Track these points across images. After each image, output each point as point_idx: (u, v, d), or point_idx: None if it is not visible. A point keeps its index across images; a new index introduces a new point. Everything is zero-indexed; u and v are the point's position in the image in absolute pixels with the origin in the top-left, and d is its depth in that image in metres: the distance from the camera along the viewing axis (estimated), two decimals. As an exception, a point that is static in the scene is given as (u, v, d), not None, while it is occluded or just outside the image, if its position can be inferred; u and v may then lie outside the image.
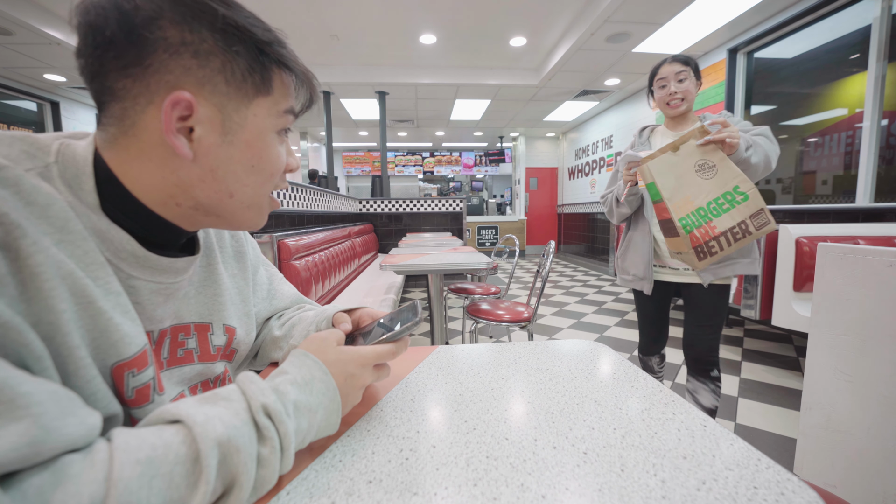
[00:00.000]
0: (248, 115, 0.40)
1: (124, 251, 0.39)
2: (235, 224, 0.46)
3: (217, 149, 0.39)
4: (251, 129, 0.40)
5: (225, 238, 0.59)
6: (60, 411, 0.28)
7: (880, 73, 2.70)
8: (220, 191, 0.41)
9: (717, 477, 0.35)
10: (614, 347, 1.97)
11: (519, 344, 0.71)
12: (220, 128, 0.39)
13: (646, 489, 0.34)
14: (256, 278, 0.65)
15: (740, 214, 1.16)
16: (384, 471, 0.37)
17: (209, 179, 0.40)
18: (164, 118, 0.36)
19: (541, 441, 0.41)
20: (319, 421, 0.39)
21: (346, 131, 7.89)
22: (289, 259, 1.85)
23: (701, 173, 1.18)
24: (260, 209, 0.46)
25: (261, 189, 0.44)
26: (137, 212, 0.40)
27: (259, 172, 0.42)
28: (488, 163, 9.79)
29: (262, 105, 0.41)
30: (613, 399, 0.50)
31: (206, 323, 0.52)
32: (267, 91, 0.41)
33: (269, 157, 0.43)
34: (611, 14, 3.22)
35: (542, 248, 7.87)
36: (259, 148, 0.41)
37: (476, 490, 0.34)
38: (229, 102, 0.39)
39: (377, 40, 4.10)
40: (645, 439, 0.41)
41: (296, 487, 0.35)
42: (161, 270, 0.43)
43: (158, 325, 0.44)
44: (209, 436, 0.31)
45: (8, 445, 0.24)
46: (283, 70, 0.42)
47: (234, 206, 0.43)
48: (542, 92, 5.33)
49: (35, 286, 0.30)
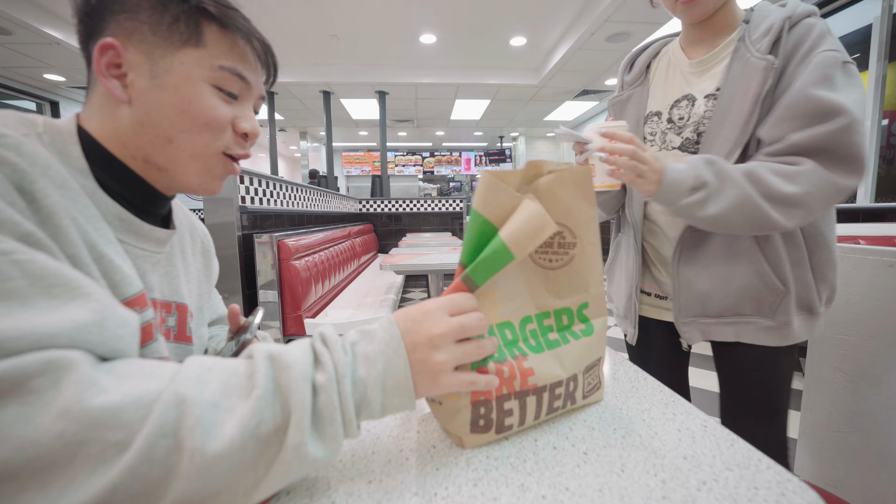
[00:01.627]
0: (175, 63, 0.43)
1: (110, 213, 0.42)
2: (185, 180, 0.47)
3: (148, 92, 0.43)
4: (178, 74, 0.43)
5: (197, 231, 0.63)
6: (108, 297, 0.32)
7: (880, 72, 2.70)
8: (159, 135, 0.44)
9: (718, 477, 0.35)
10: (614, 347, 1.97)
11: (519, 344, 0.71)
12: (149, 72, 0.42)
13: (646, 489, 0.34)
14: (212, 283, 0.67)
15: (578, 360, 0.46)
16: (384, 471, 0.37)
17: (147, 123, 0.43)
18: (94, 63, 0.41)
19: (541, 441, 0.41)
20: (380, 374, 0.34)
21: (346, 131, 7.89)
22: (289, 259, 1.85)
23: (544, 254, 0.45)
24: (206, 163, 0.47)
25: (198, 138, 0.45)
26: (120, 173, 0.44)
27: (191, 118, 0.44)
28: (488, 162, 9.80)
29: (190, 55, 0.43)
30: (613, 399, 0.50)
31: (185, 304, 0.55)
32: (196, 42, 0.43)
33: (201, 105, 0.44)
34: (611, 14, 3.22)
35: (542, 247, 7.85)
36: (187, 93, 0.43)
37: (476, 490, 0.34)
38: (155, 50, 0.42)
39: (377, 40, 4.10)
40: (645, 439, 0.41)
41: (296, 487, 0.35)
42: (145, 237, 0.47)
43: (148, 294, 0.47)
44: (263, 350, 0.32)
45: (78, 318, 0.28)
46: (222, 28, 0.44)
47: (176, 154, 0.45)
48: (542, 92, 5.33)
49: (53, 223, 0.33)
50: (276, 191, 2.16)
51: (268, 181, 2.06)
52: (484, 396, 0.40)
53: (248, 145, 0.50)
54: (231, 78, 0.46)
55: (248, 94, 0.49)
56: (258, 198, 1.95)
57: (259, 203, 1.95)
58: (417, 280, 5.01)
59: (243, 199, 1.79)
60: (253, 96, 0.50)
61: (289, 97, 5.48)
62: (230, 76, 0.45)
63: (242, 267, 1.73)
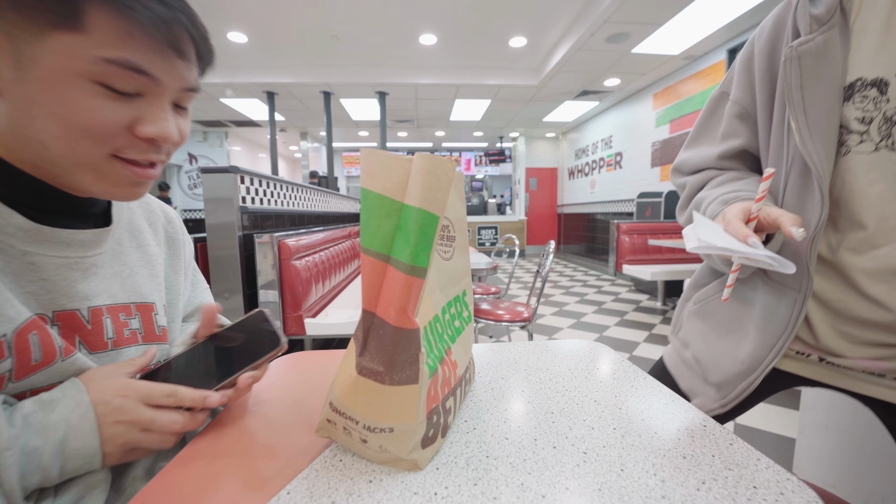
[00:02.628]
0: (44, 51, 0.33)
1: (10, 226, 0.38)
2: (84, 189, 0.40)
3: (14, 86, 0.34)
4: (47, 67, 0.33)
5: (158, 219, 0.58)
6: None
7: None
8: (32, 139, 0.36)
9: (717, 477, 0.35)
10: (614, 347, 1.98)
11: (519, 344, 0.71)
12: (13, 61, 0.33)
13: (645, 489, 0.34)
14: (189, 274, 0.63)
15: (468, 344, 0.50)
16: (384, 470, 0.37)
17: (18, 124, 0.36)
18: None
19: (541, 441, 0.41)
20: (59, 440, 0.35)
21: (346, 131, 7.89)
22: (289, 259, 1.85)
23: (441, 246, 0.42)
24: (99, 172, 0.39)
25: (79, 146, 0.36)
26: (12, 178, 0.38)
27: (66, 123, 0.35)
28: (488, 163, 9.79)
29: (64, 42, 0.33)
30: (613, 399, 0.50)
31: (149, 303, 0.51)
32: (74, 26, 0.33)
33: (77, 108, 0.35)
34: (610, 14, 3.22)
35: (541, 248, 7.87)
36: (60, 92, 0.34)
37: (476, 490, 0.34)
38: (18, 31, 0.33)
39: (377, 40, 4.10)
40: (645, 439, 0.41)
41: (296, 487, 0.35)
42: (63, 244, 0.41)
43: (85, 303, 0.43)
44: None
45: None
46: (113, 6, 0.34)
47: (59, 161, 0.37)
48: (541, 92, 5.33)
49: None
50: (276, 191, 2.17)
51: (268, 181, 2.06)
52: (435, 403, 0.38)
53: (164, 151, 0.41)
54: (122, 73, 0.35)
55: (157, 90, 0.38)
56: (258, 198, 1.95)
57: (259, 203, 1.95)
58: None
59: (244, 200, 1.79)
60: (168, 90, 0.39)
61: (289, 97, 5.48)
62: (121, 71, 0.35)
63: (243, 267, 1.73)
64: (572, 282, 5.35)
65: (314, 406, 0.49)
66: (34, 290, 0.40)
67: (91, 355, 0.44)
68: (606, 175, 6.29)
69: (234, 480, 0.36)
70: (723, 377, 0.63)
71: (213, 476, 0.37)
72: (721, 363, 0.64)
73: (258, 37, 3.94)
